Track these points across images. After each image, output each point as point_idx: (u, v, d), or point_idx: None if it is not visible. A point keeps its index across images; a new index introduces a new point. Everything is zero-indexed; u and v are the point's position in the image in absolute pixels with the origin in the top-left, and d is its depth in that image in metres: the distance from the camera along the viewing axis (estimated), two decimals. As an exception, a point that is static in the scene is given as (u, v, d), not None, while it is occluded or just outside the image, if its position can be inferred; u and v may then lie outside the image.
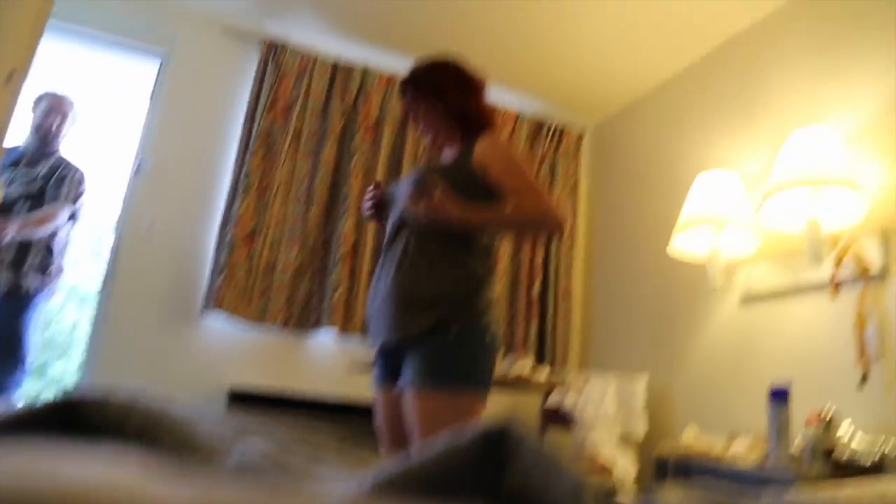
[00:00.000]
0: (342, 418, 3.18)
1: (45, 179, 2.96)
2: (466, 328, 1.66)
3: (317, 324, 3.35)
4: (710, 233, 2.77)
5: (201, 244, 3.31)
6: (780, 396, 2.13)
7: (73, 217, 3.03)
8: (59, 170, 3.00)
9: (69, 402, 0.59)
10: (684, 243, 2.89)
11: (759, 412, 2.49)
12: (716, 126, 3.20)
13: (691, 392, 3.03)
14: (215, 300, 3.11)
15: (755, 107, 2.97)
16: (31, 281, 2.85)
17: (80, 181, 3.04)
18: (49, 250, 2.93)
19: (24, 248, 2.85)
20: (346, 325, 3.36)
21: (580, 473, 0.61)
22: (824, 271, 2.39)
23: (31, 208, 2.86)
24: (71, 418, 0.59)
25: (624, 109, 4.03)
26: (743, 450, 2.30)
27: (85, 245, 3.85)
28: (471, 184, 1.75)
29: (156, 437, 0.62)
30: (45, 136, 3.01)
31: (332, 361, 3.41)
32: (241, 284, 3.20)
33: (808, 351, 2.47)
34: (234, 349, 3.27)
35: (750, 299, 2.78)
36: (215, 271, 3.18)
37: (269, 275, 3.29)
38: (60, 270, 3.00)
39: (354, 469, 0.93)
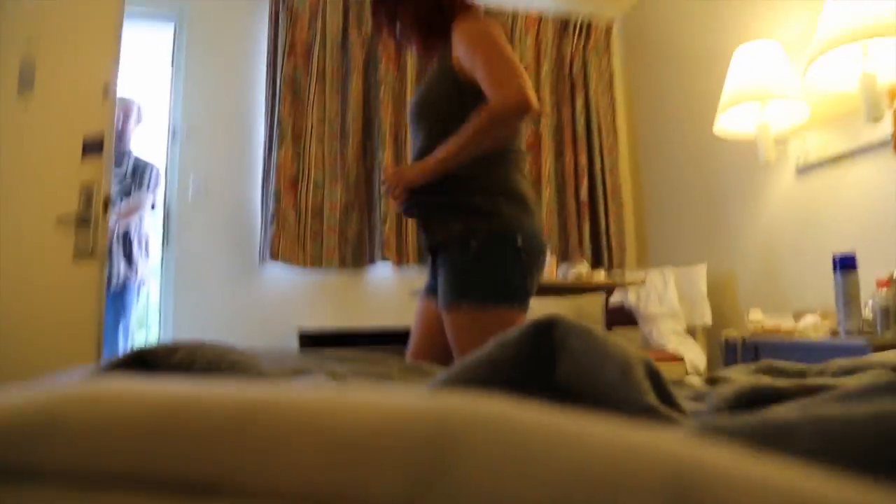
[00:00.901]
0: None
1: (131, 177, 3.44)
2: (493, 237, 1.55)
3: (371, 259, 3.41)
4: (756, 108, 2.66)
5: (250, 197, 3.38)
6: (846, 263, 2.08)
7: (152, 206, 3.49)
8: (139, 167, 3.48)
9: (142, 352, 0.63)
10: (730, 122, 2.78)
11: (825, 286, 2.44)
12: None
13: (754, 275, 2.98)
14: (271, 251, 3.19)
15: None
16: (122, 269, 3.30)
17: (157, 175, 3.50)
18: (133, 240, 3.40)
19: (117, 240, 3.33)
20: (401, 257, 3.41)
21: (629, 355, 0.62)
22: (884, 128, 2.28)
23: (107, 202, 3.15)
24: (143, 367, 0.63)
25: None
26: (812, 324, 2.27)
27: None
28: (458, 87, 1.60)
29: (221, 372, 0.65)
30: (119, 138, 3.36)
31: (393, 293, 3.48)
32: (292, 231, 3.27)
33: (872, 215, 2.38)
34: (298, 293, 3.37)
35: (806, 169, 2.68)
36: (266, 222, 3.25)
37: (318, 218, 3.34)
38: (147, 256, 3.46)
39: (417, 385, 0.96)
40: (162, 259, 3.33)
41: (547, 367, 0.62)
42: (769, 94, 2.54)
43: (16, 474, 0.22)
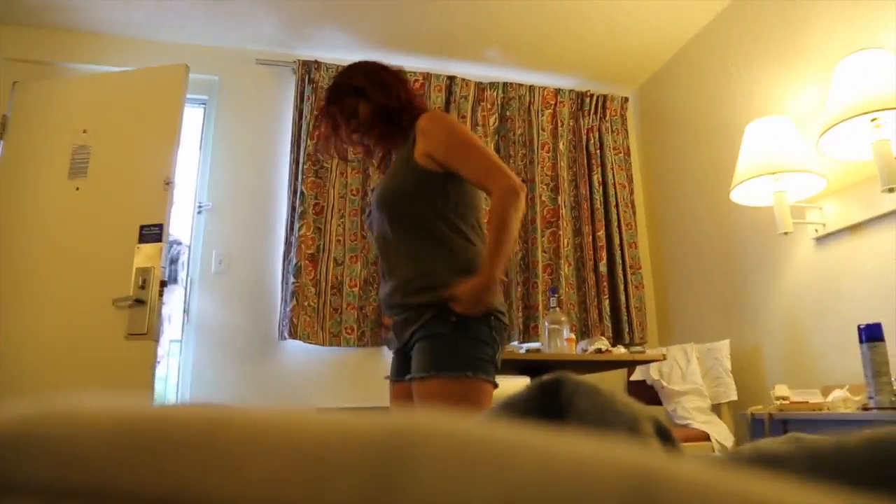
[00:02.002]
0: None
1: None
2: (460, 322, 1.60)
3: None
4: (771, 181, 2.67)
5: (271, 272, 3.42)
6: (872, 333, 2.03)
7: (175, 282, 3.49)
8: (173, 246, 3.48)
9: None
10: (745, 194, 2.79)
11: (853, 358, 2.37)
12: (761, 67, 3.09)
13: (778, 348, 2.92)
14: (290, 329, 3.20)
15: (798, 40, 2.85)
16: None
17: (184, 252, 3.54)
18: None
19: None
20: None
21: (636, 411, 0.60)
22: (900, 197, 2.27)
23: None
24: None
25: (665, 66, 3.93)
26: (841, 398, 2.20)
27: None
28: (422, 176, 1.71)
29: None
30: None
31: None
32: (312, 307, 3.29)
33: (895, 284, 2.34)
34: (316, 370, 3.35)
35: (824, 238, 2.66)
36: (286, 298, 3.27)
37: (337, 294, 3.36)
38: (161, 334, 3.39)
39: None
40: (182, 331, 3.35)
41: (556, 426, 0.60)
42: (783, 167, 2.55)
43: (-17, 490, 0.22)
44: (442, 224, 1.70)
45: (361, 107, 1.82)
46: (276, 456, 0.20)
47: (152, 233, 2.89)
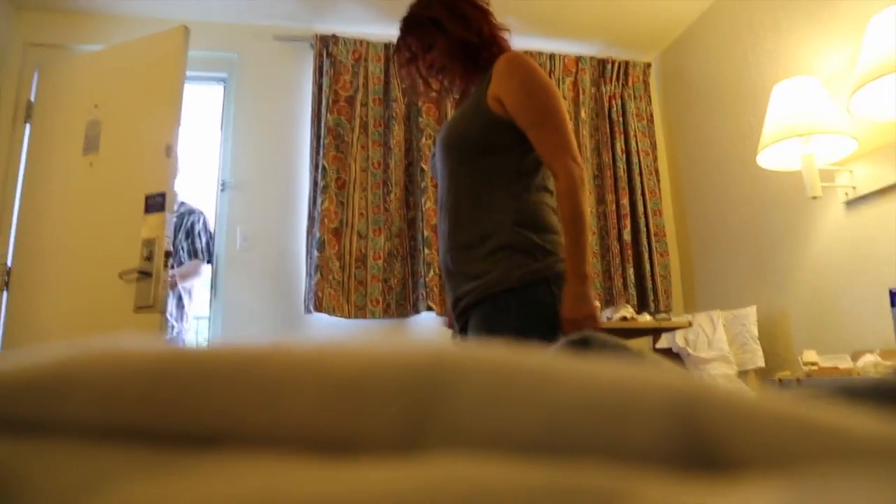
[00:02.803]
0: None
1: (177, 229, 3.38)
2: (525, 278, 1.51)
3: (416, 308, 3.40)
4: (800, 143, 2.62)
5: (295, 247, 3.45)
6: (903, 297, 1.99)
7: (207, 261, 3.46)
8: (185, 218, 3.44)
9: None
10: (773, 158, 2.74)
11: (884, 323, 2.34)
12: (788, 27, 3.01)
13: (807, 314, 2.88)
14: (315, 303, 3.22)
15: None
16: (175, 320, 3.31)
17: (206, 225, 3.48)
18: (184, 293, 3.41)
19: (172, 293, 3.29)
20: (444, 306, 3.40)
21: (665, 366, 0.60)
22: (934, 157, 2.21)
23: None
24: None
25: (688, 29, 3.85)
26: (872, 362, 2.17)
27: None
28: (491, 122, 1.59)
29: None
30: None
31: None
32: (336, 280, 3.31)
33: (929, 246, 2.29)
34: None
35: (855, 202, 2.61)
36: (310, 272, 3.30)
37: (361, 266, 3.38)
38: (190, 312, 3.49)
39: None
40: (210, 308, 3.40)
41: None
42: (812, 129, 2.50)
43: (30, 428, 0.23)
44: (512, 177, 1.59)
45: (438, 40, 1.68)
46: (316, 387, 0.20)
47: (156, 202, 2.83)
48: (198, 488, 0.19)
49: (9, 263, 3.07)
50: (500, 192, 1.59)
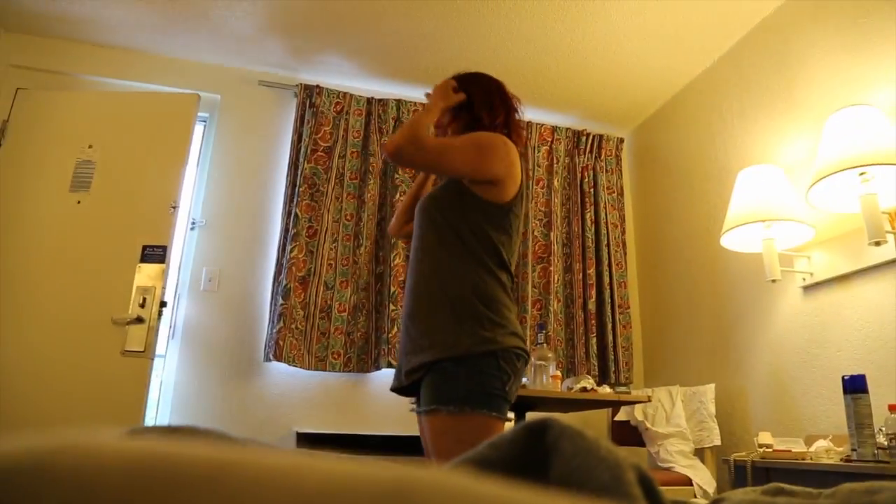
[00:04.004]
0: (412, 454, 3.18)
1: None
2: (474, 348, 1.57)
3: (376, 364, 3.36)
4: (761, 228, 2.70)
5: (260, 293, 3.41)
6: (855, 385, 2.04)
7: None
8: None
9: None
10: (735, 241, 2.82)
11: (837, 408, 2.39)
12: (754, 116, 3.15)
13: (763, 394, 2.93)
14: (276, 351, 3.18)
15: (791, 92, 2.91)
16: None
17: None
18: None
19: None
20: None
21: (620, 458, 0.61)
22: (888, 250, 2.30)
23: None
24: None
25: (660, 109, 4.00)
26: (824, 448, 2.20)
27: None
28: (461, 189, 1.73)
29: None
30: None
31: (396, 401, 3.39)
32: (299, 329, 3.27)
33: (881, 336, 2.36)
34: (300, 394, 3.32)
35: (812, 287, 2.69)
36: (273, 319, 3.26)
37: (325, 318, 3.35)
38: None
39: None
40: (167, 348, 3.32)
41: (540, 470, 0.61)
42: (773, 215, 2.59)
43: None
44: (473, 246, 1.74)
45: (462, 116, 1.87)
46: (280, 499, 0.21)
47: (155, 253, 3.00)
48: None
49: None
50: (456, 264, 1.70)
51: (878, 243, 2.21)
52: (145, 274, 2.98)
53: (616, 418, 3.29)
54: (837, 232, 2.58)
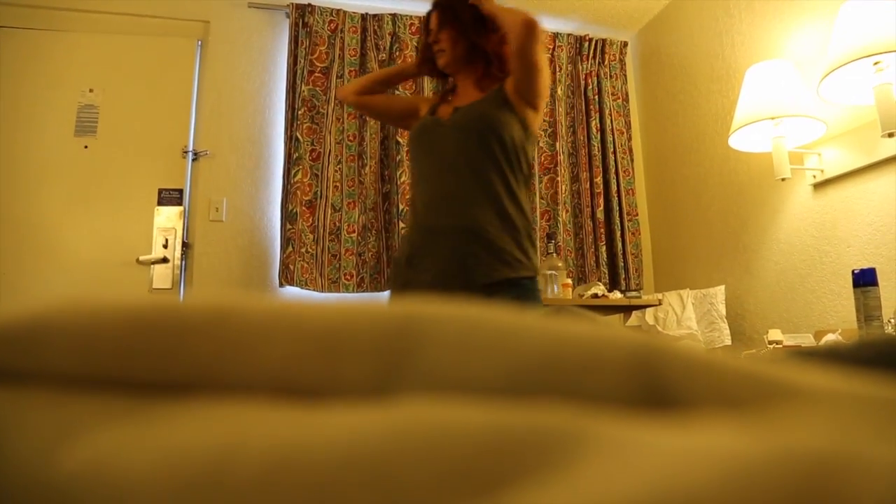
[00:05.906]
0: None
1: None
2: (537, 269, 1.82)
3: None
4: (770, 126, 2.65)
5: (268, 219, 3.41)
6: (865, 278, 2.04)
7: None
8: None
9: None
10: (744, 140, 2.78)
11: (847, 304, 2.40)
12: (763, 10, 3.03)
13: (773, 294, 2.95)
14: (288, 276, 3.21)
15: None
16: None
17: None
18: None
19: None
20: (417, 278, 3.41)
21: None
22: (900, 142, 2.26)
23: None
24: None
25: (665, 9, 3.85)
26: (834, 342, 2.23)
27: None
28: (511, 121, 1.78)
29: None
30: None
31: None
32: (310, 253, 3.29)
33: (892, 229, 2.35)
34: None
35: (823, 184, 2.66)
36: (284, 245, 3.27)
37: (335, 240, 3.36)
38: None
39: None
40: (181, 282, 3.35)
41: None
42: (783, 112, 2.53)
43: (6, 378, 0.23)
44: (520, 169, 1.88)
45: (461, 33, 1.88)
46: (290, 336, 0.21)
47: (172, 196, 3.14)
48: (169, 435, 0.20)
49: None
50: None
51: (891, 135, 2.17)
52: (164, 216, 3.12)
53: (627, 324, 3.33)
54: (849, 126, 2.53)
